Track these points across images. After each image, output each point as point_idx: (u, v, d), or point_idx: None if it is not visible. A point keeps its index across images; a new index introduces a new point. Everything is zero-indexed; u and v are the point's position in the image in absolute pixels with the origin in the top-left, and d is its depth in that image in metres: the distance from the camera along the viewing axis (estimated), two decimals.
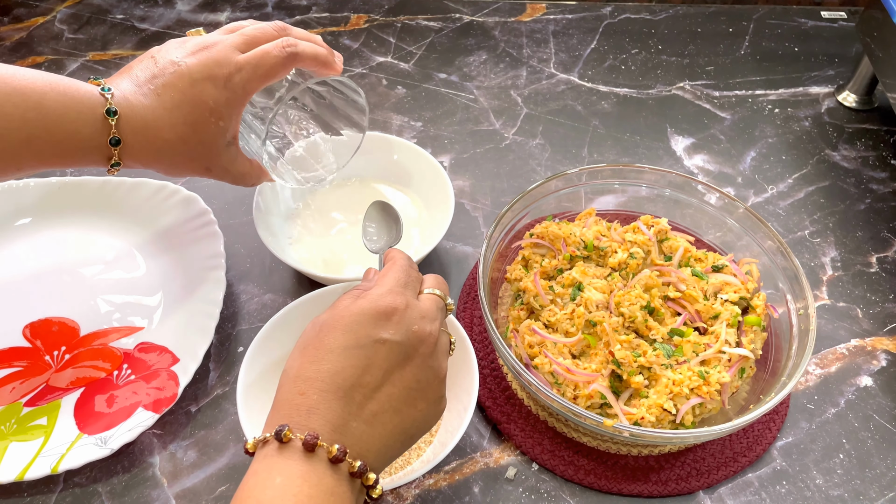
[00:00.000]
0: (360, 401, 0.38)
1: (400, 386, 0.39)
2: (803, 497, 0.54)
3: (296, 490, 0.34)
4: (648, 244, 0.62)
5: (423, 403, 0.41)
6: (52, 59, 0.90)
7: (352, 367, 0.38)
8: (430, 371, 0.41)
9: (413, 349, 0.40)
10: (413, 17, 0.98)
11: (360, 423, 0.37)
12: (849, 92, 0.87)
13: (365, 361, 0.39)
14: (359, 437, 0.37)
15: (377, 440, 0.38)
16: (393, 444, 0.39)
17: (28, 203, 0.70)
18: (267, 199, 0.66)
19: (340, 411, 0.37)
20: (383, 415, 0.38)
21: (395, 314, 0.41)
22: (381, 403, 0.38)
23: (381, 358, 0.39)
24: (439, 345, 0.43)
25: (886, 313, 0.66)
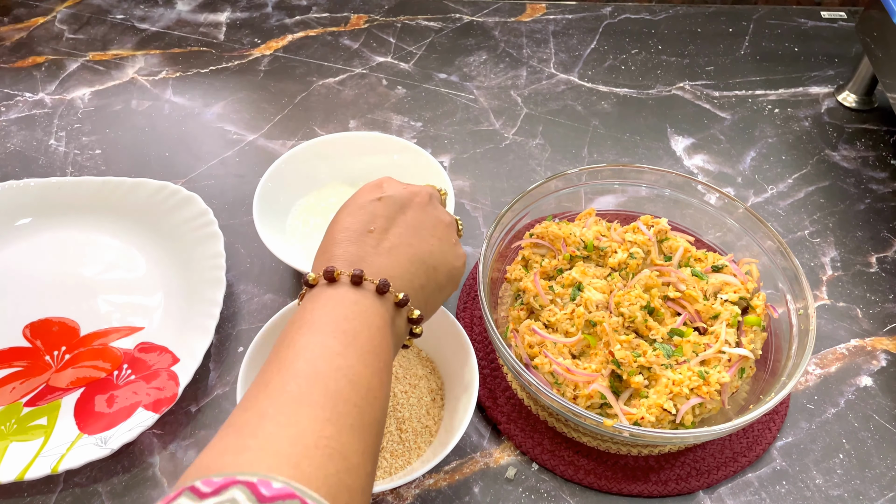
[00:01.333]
0: (373, 242, 0.43)
1: (404, 226, 0.45)
2: (803, 497, 0.54)
3: (320, 307, 0.39)
4: (648, 244, 0.62)
5: (434, 239, 0.45)
6: (52, 59, 0.90)
7: (358, 221, 0.44)
8: (430, 215, 0.47)
9: (408, 199, 0.46)
10: (413, 17, 0.98)
11: (376, 257, 0.42)
12: (849, 92, 0.87)
13: (368, 216, 0.44)
14: (378, 267, 0.41)
15: (398, 267, 0.42)
16: (416, 270, 0.43)
17: (28, 203, 0.70)
18: (267, 199, 0.66)
19: (356, 251, 0.42)
20: (397, 248, 0.43)
21: (385, 182, 0.48)
22: (392, 241, 0.43)
23: (381, 209, 0.45)
24: (433, 202, 0.48)
25: (886, 313, 0.66)
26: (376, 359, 0.37)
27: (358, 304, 0.39)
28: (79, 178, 0.71)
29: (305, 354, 0.36)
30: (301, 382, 0.34)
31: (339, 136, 0.72)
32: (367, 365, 0.37)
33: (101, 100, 0.85)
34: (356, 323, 0.38)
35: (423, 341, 0.59)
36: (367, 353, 0.37)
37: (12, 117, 0.83)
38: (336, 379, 0.35)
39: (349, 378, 0.35)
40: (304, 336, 0.37)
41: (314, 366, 0.35)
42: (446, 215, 0.48)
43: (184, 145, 0.80)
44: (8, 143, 0.80)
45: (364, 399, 0.35)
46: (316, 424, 0.32)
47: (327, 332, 0.37)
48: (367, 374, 0.36)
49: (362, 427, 0.34)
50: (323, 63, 0.91)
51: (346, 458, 0.32)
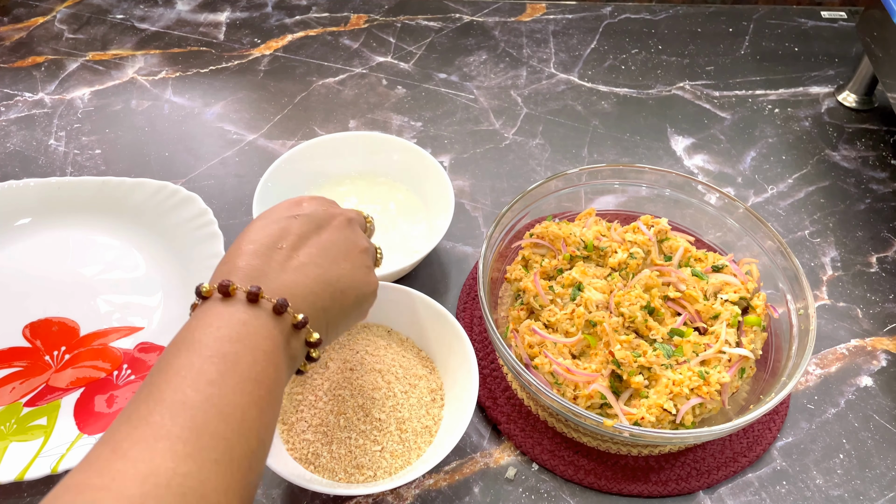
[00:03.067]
0: (280, 259, 0.41)
1: (317, 247, 0.43)
2: (803, 497, 0.54)
3: (206, 325, 0.36)
4: (648, 244, 0.62)
5: (346, 263, 0.44)
6: (51, 59, 0.90)
7: (268, 235, 0.42)
8: (346, 238, 0.45)
9: (325, 221, 0.45)
10: (413, 17, 0.98)
11: (280, 274, 0.40)
12: (849, 92, 0.87)
13: (280, 231, 0.43)
14: (280, 284, 0.40)
15: (301, 286, 0.41)
16: (320, 291, 0.41)
17: (28, 203, 0.69)
18: (267, 199, 0.66)
19: (259, 265, 0.40)
20: (304, 267, 0.41)
21: (305, 200, 0.46)
22: (301, 259, 0.42)
23: (295, 226, 0.43)
24: (353, 226, 0.47)
25: (886, 313, 0.66)
26: (257, 387, 0.35)
27: (247, 325, 0.37)
28: (78, 178, 0.71)
29: (175, 381, 0.33)
30: (165, 414, 0.32)
31: (339, 136, 0.72)
32: (245, 394, 0.34)
33: (101, 100, 0.85)
34: (240, 346, 0.36)
35: (424, 341, 0.59)
36: (246, 381, 0.35)
37: (12, 117, 0.83)
38: (205, 410, 0.32)
39: (219, 409, 0.33)
40: (179, 359, 0.35)
41: (182, 395, 0.33)
42: (364, 241, 0.47)
43: (184, 145, 0.80)
44: (8, 143, 0.80)
45: (235, 432, 0.33)
46: (171, 461, 0.30)
47: (205, 356, 0.35)
48: (242, 404, 0.34)
49: (230, 462, 0.32)
50: (323, 63, 0.91)
51: (203, 496, 0.30)
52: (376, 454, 0.52)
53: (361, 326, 0.60)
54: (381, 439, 0.52)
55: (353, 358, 0.56)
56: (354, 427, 0.52)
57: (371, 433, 0.52)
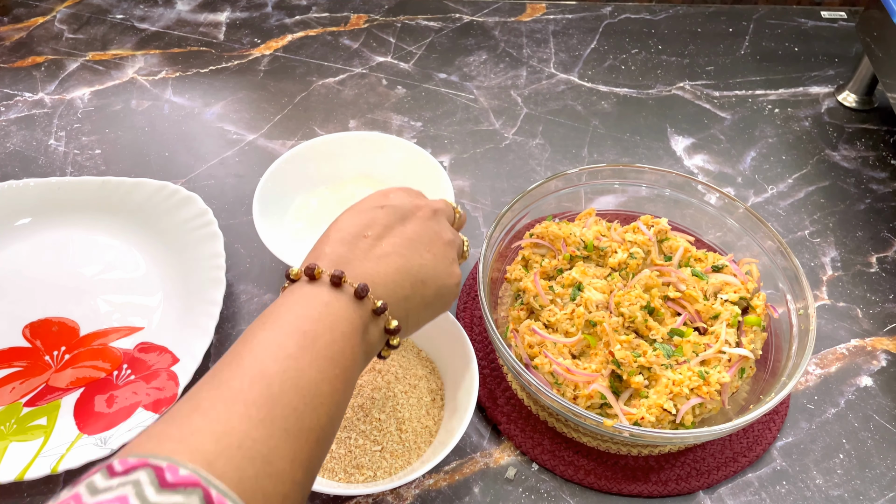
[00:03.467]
0: (365, 247, 0.43)
1: (401, 237, 0.44)
2: (803, 497, 0.54)
3: (291, 303, 0.39)
4: (648, 244, 0.62)
5: (429, 255, 0.45)
6: (51, 59, 0.90)
7: (355, 224, 0.44)
8: (430, 230, 0.46)
9: (410, 212, 0.46)
10: (413, 17, 0.98)
11: (364, 262, 0.42)
12: (849, 92, 0.87)
13: (367, 220, 0.44)
14: (362, 271, 0.41)
15: (383, 274, 0.42)
16: (402, 281, 0.43)
17: (28, 203, 0.69)
18: (267, 199, 0.66)
19: (344, 253, 0.42)
20: (387, 257, 0.43)
21: (392, 192, 0.48)
22: (384, 249, 0.43)
23: (381, 217, 0.45)
24: (439, 214, 0.48)
25: (886, 313, 0.66)
26: (332, 365, 0.37)
27: (329, 305, 0.39)
28: (78, 178, 0.71)
29: (257, 352, 0.35)
30: (244, 380, 0.34)
31: (339, 136, 0.72)
32: (320, 371, 0.36)
33: (101, 100, 0.85)
34: (319, 326, 0.37)
35: (424, 341, 0.59)
36: (322, 359, 0.36)
37: (12, 117, 0.83)
38: (281, 381, 0.34)
39: (295, 381, 0.35)
40: (263, 332, 0.37)
41: (262, 365, 0.35)
42: (448, 232, 0.47)
43: (183, 145, 0.80)
44: (8, 143, 0.80)
45: (308, 405, 0.35)
46: (246, 424, 0.32)
47: (287, 332, 0.37)
48: (317, 379, 0.36)
49: (299, 432, 0.34)
50: (323, 63, 0.91)
51: (270, 462, 0.32)
52: (376, 454, 0.52)
53: None
54: (381, 439, 0.52)
55: None
56: (354, 427, 0.52)
57: (371, 433, 0.52)
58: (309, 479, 0.35)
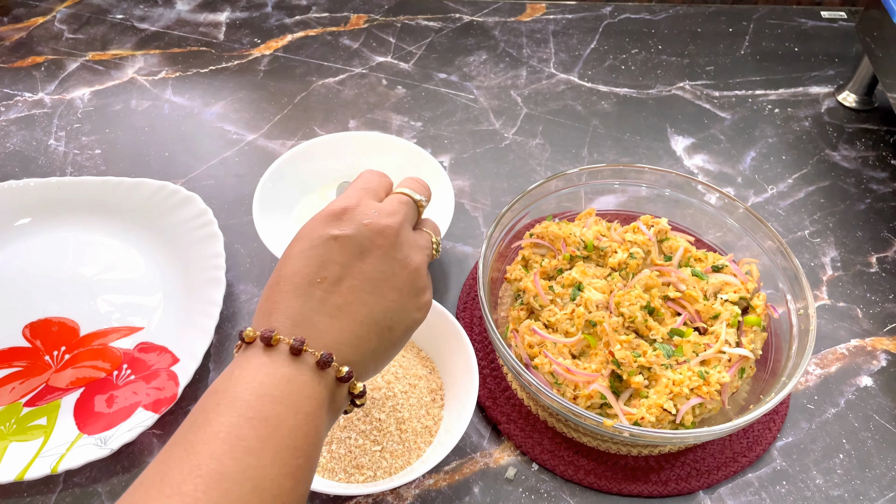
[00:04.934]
0: (321, 296, 0.38)
1: (361, 278, 0.39)
2: (803, 497, 0.54)
3: (248, 378, 0.35)
4: (648, 244, 0.62)
5: (394, 294, 0.40)
6: (51, 59, 0.90)
7: (307, 266, 0.39)
8: (395, 262, 0.40)
9: (370, 241, 0.40)
10: (413, 17, 0.98)
11: (323, 317, 0.37)
12: (849, 92, 0.87)
13: (320, 259, 0.39)
14: (324, 330, 0.37)
15: (346, 331, 0.38)
16: (366, 335, 0.39)
17: (28, 203, 0.69)
18: (267, 199, 0.66)
19: (300, 307, 0.37)
20: (348, 307, 0.38)
21: (346, 213, 0.41)
22: (344, 296, 0.38)
23: (335, 253, 0.39)
24: (402, 237, 0.41)
25: (886, 313, 0.66)
26: (295, 456, 0.34)
27: (291, 382, 0.35)
28: (78, 178, 0.71)
29: (213, 444, 0.32)
30: (199, 485, 0.31)
31: (339, 136, 0.72)
32: (283, 465, 0.33)
33: (101, 100, 0.85)
34: (282, 408, 0.34)
35: (424, 341, 0.59)
36: (285, 450, 0.33)
37: (12, 117, 0.83)
38: (240, 483, 0.31)
39: (255, 483, 0.32)
40: (221, 415, 0.33)
41: (220, 463, 0.31)
42: (416, 253, 0.42)
43: (183, 145, 0.80)
44: (8, 143, 0.80)
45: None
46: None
47: (246, 418, 0.33)
48: (279, 475, 0.33)
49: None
50: (323, 63, 0.91)
51: None
52: (376, 454, 0.52)
53: None
54: (380, 439, 0.52)
55: None
56: (354, 427, 0.52)
57: (371, 433, 0.52)
58: None
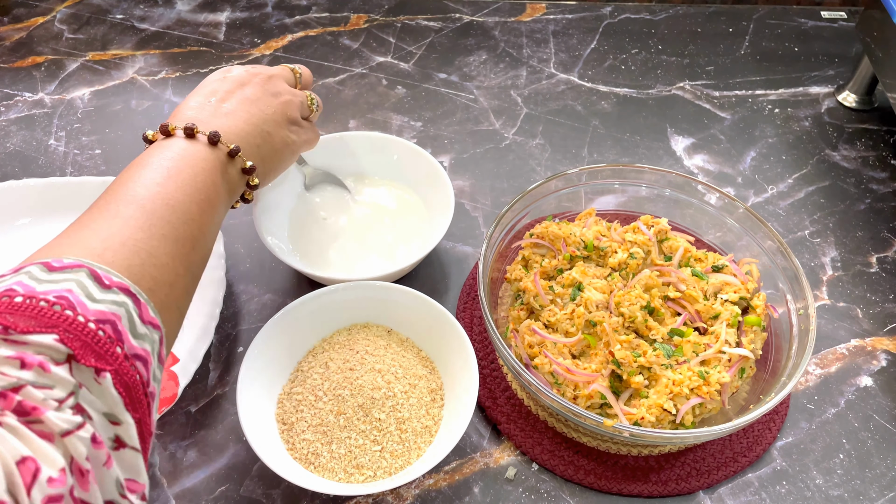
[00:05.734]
0: (212, 108, 0.49)
1: (242, 98, 0.51)
2: (803, 497, 0.54)
3: (154, 153, 0.44)
4: (648, 244, 0.62)
5: (270, 110, 0.52)
6: (51, 59, 0.90)
7: (200, 94, 0.51)
8: (268, 92, 0.53)
9: (248, 78, 0.53)
10: (413, 17, 0.98)
11: (213, 118, 0.48)
12: (849, 92, 0.87)
13: (210, 90, 0.51)
14: (215, 124, 0.48)
15: (232, 126, 0.49)
16: (250, 130, 0.50)
17: (28, 203, 0.69)
18: (267, 199, 0.66)
19: (196, 114, 0.48)
20: (233, 113, 0.50)
21: (233, 68, 0.55)
22: (229, 108, 0.50)
23: (222, 85, 0.52)
24: (274, 78, 0.55)
25: (886, 313, 0.66)
26: (197, 191, 0.43)
27: (186, 150, 0.45)
28: (78, 178, 0.71)
29: (128, 184, 0.41)
30: (119, 203, 0.40)
31: (339, 136, 0.72)
32: (187, 194, 0.42)
33: (101, 100, 0.85)
34: (182, 163, 0.44)
35: (424, 341, 0.59)
36: (187, 185, 0.43)
37: (12, 117, 0.83)
38: (153, 200, 0.40)
39: (165, 201, 0.41)
40: (132, 171, 0.42)
41: (134, 192, 0.40)
42: (287, 93, 0.54)
43: None
44: (8, 143, 0.80)
45: (179, 219, 0.41)
46: (126, 230, 0.38)
47: (152, 167, 0.43)
48: (185, 200, 0.42)
49: (175, 239, 0.40)
50: (323, 63, 0.91)
51: (153, 255, 0.38)
52: (376, 454, 0.52)
53: (361, 326, 0.60)
54: (381, 439, 0.52)
55: (353, 358, 0.56)
56: (354, 427, 0.52)
57: (371, 433, 0.52)
58: (190, 278, 0.42)
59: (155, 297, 0.37)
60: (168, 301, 0.38)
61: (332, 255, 0.66)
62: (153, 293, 0.37)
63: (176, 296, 0.39)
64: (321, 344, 0.59)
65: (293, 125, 0.55)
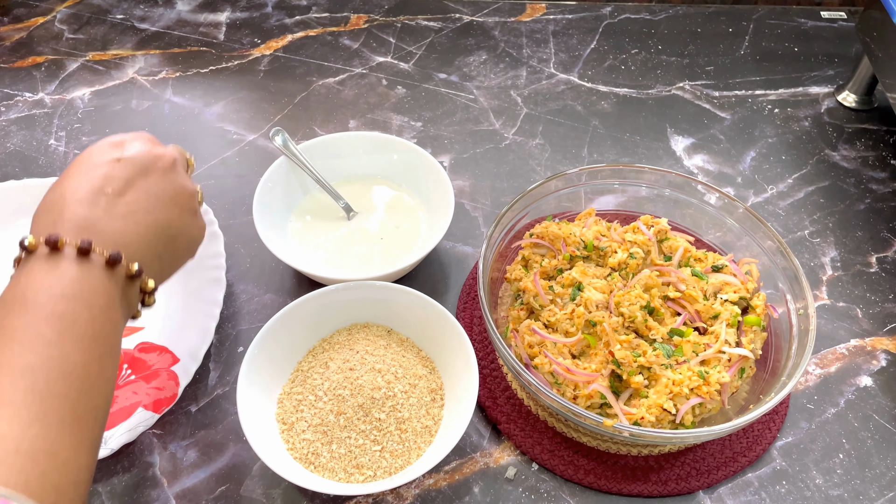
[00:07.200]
0: (107, 205, 0.40)
1: (145, 191, 0.42)
2: (803, 497, 0.54)
3: (37, 283, 0.36)
4: (648, 244, 0.62)
5: (176, 209, 0.44)
6: (52, 59, 0.90)
7: (91, 180, 0.40)
8: (173, 182, 0.44)
9: (150, 164, 0.43)
10: (413, 17, 0.98)
11: (110, 221, 0.39)
12: (849, 92, 0.87)
13: (104, 175, 0.41)
14: (111, 232, 0.39)
15: (133, 233, 0.40)
16: (153, 238, 0.42)
17: (28, 203, 0.69)
18: (267, 199, 0.66)
19: (86, 214, 0.39)
20: (134, 214, 0.41)
21: (125, 141, 0.44)
22: (129, 205, 0.41)
23: (119, 171, 0.41)
24: (178, 166, 0.46)
25: (886, 313, 0.66)
26: (95, 343, 0.36)
27: (81, 281, 0.36)
28: None
29: (13, 345, 0.33)
30: (5, 380, 0.32)
31: (339, 136, 0.72)
32: (85, 352, 0.35)
33: (101, 100, 0.85)
34: (76, 304, 0.35)
35: (424, 341, 0.59)
36: (85, 339, 0.35)
37: (12, 117, 0.83)
38: (47, 372, 0.33)
39: (61, 370, 0.34)
40: (16, 318, 0.34)
41: (24, 359, 0.33)
42: (189, 183, 0.46)
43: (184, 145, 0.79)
44: (8, 143, 0.80)
45: (79, 390, 0.34)
46: (19, 427, 0.31)
47: (41, 316, 0.34)
48: (83, 362, 0.35)
49: (76, 420, 0.33)
50: (323, 63, 0.91)
51: (54, 455, 0.32)
52: (376, 454, 0.52)
53: (361, 326, 0.60)
54: (381, 439, 0.52)
55: (353, 358, 0.56)
56: (354, 427, 0.52)
57: (371, 433, 0.52)
58: (94, 456, 0.35)
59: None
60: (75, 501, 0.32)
61: (332, 255, 0.66)
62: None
63: (81, 491, 0.33)
64: (321, 344, 0.59)
65: (198, 223, 0.47)
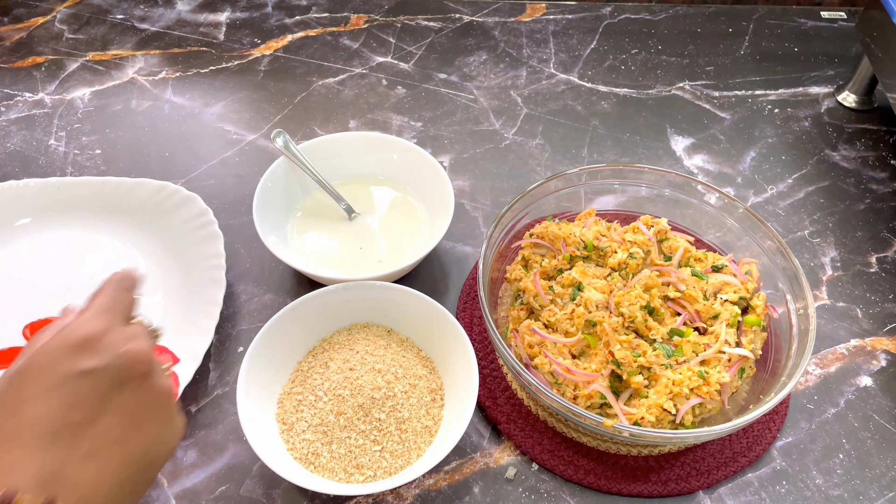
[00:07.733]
0: (74, 441, 0.33)
1: (121, 413, 0.35)
2: (803, 497, 0.54)
3: None
4: (648, 244, 0.62)
5: (154, 424, 0.36)
6: (52, 59, 0.90)
7: (54, 409, 0.33)
8: (152, 390, 0.37)
9: (126, 372, 0.36)
10: (413, 17, 0.98)
11: (77, 466, 0.33)
12: (848, 92, 0.87)
13: (70, 399, 0.33)
14: (79, 482, 0.32)
15: (105, 478, 0.33)
16: (127, 476, 0.34)
17: (28, 203, 0.69)
18: (267, 199, 0.66)
19: (48, 459, 0.32)
20: (107, 449, 0.34)
21: (95, 341, 0.35)
22: (99, 438, 0.34)
23: (87, 390, 0.34)
24: (154, 363, 0.38)
25: (886, 313, 0.66)
26: None
27: None
28: (79, 178, 0.71)
29: None
30: None
31: (339, 136, 0.72)
32: None
33: (101, 100, 0.85)
34: None
35: (424, 341, 0.59)
36: None
37: (12, 117, 0.83)
38: None
39: None
40: None
41: None
42: (166, 382, 0.38)
43: (184, 145, 0.80)
44: (8, 143, 0.80)
45: None
46: None
47: None
48: None
49: None
50: (323, 63, 0.91)
51: None
52: (376, 454, 0.52)
53: (361, 326, 0.60)
54: (381, 439, 0.52)
55: (353, 358, 0.56)
56: (354, 427, 0.52)
57: (371, 433, 0.52)
58: None
59: None
60: None
61: (332, 255, 0.66)
62: None
63: None
64: (321, 344, 0.59)
65: (178, 427, 0.39)
